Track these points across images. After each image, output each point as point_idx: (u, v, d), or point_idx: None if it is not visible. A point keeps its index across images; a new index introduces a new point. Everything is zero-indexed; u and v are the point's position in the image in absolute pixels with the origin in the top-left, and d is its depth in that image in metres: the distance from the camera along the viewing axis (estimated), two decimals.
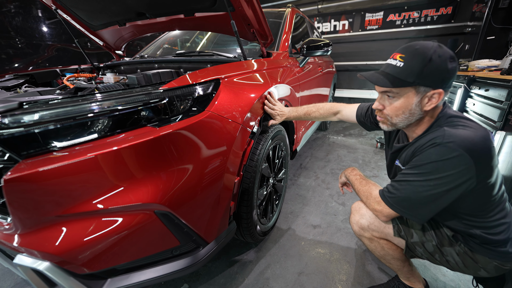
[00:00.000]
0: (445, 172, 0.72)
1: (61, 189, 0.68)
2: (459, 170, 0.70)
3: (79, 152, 0.67)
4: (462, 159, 0.69)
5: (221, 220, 0.97)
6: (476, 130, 0.72)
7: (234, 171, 0.97)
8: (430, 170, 0.74)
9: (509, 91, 1.54)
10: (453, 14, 3.57)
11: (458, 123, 0.76)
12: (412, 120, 0.83)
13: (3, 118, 0.66)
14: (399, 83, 0.77)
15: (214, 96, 0.88)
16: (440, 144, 0.72)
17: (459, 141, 0.70)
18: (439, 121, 0.80)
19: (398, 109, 0.81)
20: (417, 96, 0.77)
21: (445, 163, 0.71)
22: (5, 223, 0.74)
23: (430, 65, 0.73)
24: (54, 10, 1.68)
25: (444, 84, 0.75)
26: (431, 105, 0.77)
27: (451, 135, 0.72)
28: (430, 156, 0.74)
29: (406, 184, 0.80)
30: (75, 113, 0.68)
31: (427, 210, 0.79)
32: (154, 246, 0.82)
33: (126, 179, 0.72)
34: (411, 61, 0.75)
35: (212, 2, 1.26)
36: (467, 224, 0.82)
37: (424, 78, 0.74)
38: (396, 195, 0.83)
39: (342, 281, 1.22)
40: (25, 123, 0.65)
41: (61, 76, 1.87)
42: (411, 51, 0.76)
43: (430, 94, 0.76)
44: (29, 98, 0.84)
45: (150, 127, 0.75)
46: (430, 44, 0.75)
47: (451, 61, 0.73)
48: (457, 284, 1.19)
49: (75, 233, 0.73)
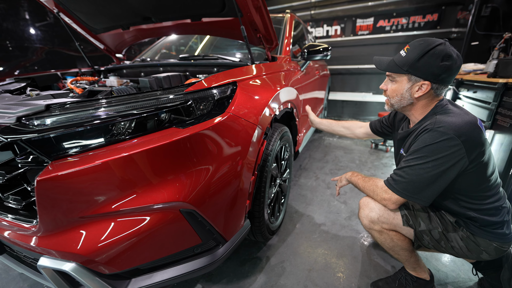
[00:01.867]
0: (440, 154, 0.81)
1: (92, 190, 0.69)
2: (451, 151, 0.80)
3: (108, 153, 0.69)
4: (451, 140, 0.79)
5: (238, 218, 1.00)
6: (463, 116, 0.83)
7: (250, 170, 1.01)
8: (426, 153, 0.83)
9: (496, 92, 1.66)
10: (438, 20, 3.77)
11: (449, 111, 0.87)
12: (404, 104, 0.95)
13: (33, 120, 0.67)
14: (394, 69, 0.91)
15: (233, 98, 0.92)
16: (431, 130, 0.83)
17: (447, 125, 0.81)
18: (435, 109, 0.91)
19: (393, 91, 0.96)
20: (408, 83, 0.91)
21: (438, 145, 0.81)
22: (29, 226, 0.74)
23: (423, 59, 0.84)
24: (56, 13, 1.67)
25: (434, 78, 0.86)
26: (419, 94, 0.90)
27: (441, 121, 0.83)
28: (425, 140, 0.84)
29: (408, 169, 0.88)
30: (105, 115, 0.70)
31: (430, 191, 0.87)
32: (177, 244, 0.84)
33: (154, 178, 0.74)
34: (410, 53, 0.88)
35: (221, 7, 1.30)
36: (465, 207, 0.91)
37: (416, 69, 0.86)
38: (400, 181, 0.90)
39: (351, 275, 1.26)
40: (55, 125, 0.67)
41: (62, 80, 1.85)
42: (415, 44, 0.88)
43: (419, 84, 0.89)
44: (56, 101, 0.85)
45: (176, 128, 0.77)
46: (435, 40, 0.85)
47: (444, 59, 0.82)
48: (457, 274, 1.26)
49: (102, 233, 0.74)
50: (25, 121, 0.67)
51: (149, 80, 1.20)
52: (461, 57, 0.86)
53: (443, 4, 3.67)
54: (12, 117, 0.68)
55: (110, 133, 0.72)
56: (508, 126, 1.53)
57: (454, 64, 0.83)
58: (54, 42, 3.41)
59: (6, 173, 0.74)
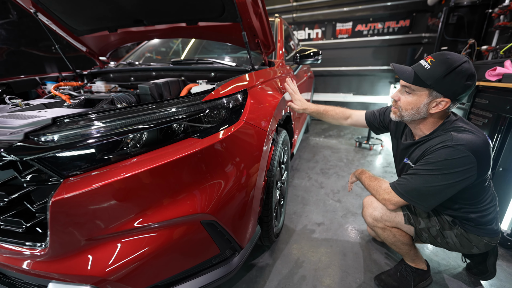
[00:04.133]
0: (454, 169, 0.85)
1: (110, 207, 0.65)
2: (465, 168, 0.84)
3: (127, 168, 0.66)
4: (468, 159, 0.83)
5: (252, 224, 1.00)
6: (478, 135, 0.86)
7: (262, 176, 1.02)
8: (440, 167, 0.87)
9: (469, 94, 1.84)
10: (410, 26, 4.06)
11: (461, 128, 0.90)
12: (417, 117, 0.95)
13: (43, 136, 0.61)
14: (418, 82, 0.88)
15: (245, 106, 0.92)
16: (450, 146, 0.86)
17: (466, 144, 0.84)
18: (445, 126, 0.94)
19: (409, 104, 0.94)
20: (428, 98, 0.89)
21: (454, 162, 0.85)
22: (36, 249, 0.68)
23: (450, 75, 0.83)
24: (33, 13, 1.54)
25: (454, 96, 0.86)
26: (436, 110, 0.90)
27: (459, 139, 0.85)
28: (441, 156, 0.87)
29: (417, 177, 0.93)
30: (120, 128, 0.66)
31: (434, 199, 0.93)
32: (196, 257, 0.82)
33: (175, 191, 0.72)
34: (436, 67, 0.85)
35: (220, 12, 1.29)
36: (465, 211, 0.99)
37: (440, 85, 0.85)
38: (406, 185, 0.96)
39: (355, 271, 1.32)
40: (69, 141, 0.62)
41: (41, 85, 1.71)
42: (441, 58, 0.85)
43: (439, 100, 0.88)
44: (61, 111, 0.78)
45: (194, 138, 0.75)
46: (460, 57, 0.84)
47: (469, 79, 0.83)
48: (448, 262, 1.38)
49: (119, 252, 0.70)
50: (34, 138, 0.61)
51: (149, 87, 1.15)
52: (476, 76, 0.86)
53: (413, 11, 3.97)
54: (17, 133, 0.62)
55: (127, 146, 0.68)
56: (482, 124, 1.70)
57: (474, 84, 0.85)
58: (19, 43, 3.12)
59: (8, 194, 0.67)
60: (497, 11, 2.52)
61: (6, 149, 0.57)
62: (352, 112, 1.40)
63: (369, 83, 4.58)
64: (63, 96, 1.41)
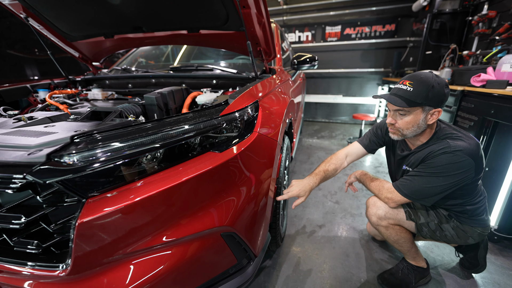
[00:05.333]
0: (455, 171, 0.95)
1: (135, 225, 0.65)
2: (465, 170, 0.94)
3: (150, 185, 0.66)
4: (467, 162, 0.94)
5: (264, 232, 1.03)
6: (471, 140, 0.97)
7: (273, 184, 1.04)
8: (442, 170, 0.96)
9: (456, 98, 1.96)
10: (396, 30, 4.24)
11: (455, 135, 1.00)
12: (419, 132, 1.05)
13: (65, 157, 0.60)
14: (412, 104, 0.98)
15: (257, 117, 0.94)
16: (450, 152, 0.95)
17: (464, 150, 0.94)
18: (438, 134, 1.05)
19: (409, 123, 1.03)
20: (423, 113, 1.00)
21: (455, 165, 0.94)
22: (55, 271, 0.66)
23: (433, 90, 0.95)
24: (24, 18, 1.47)
25: (442, 104, 0.99)
26: (432, 120, 1.01)
27: (457, 146, 0.95)
28: (442, 161, 0.96)
29: (420, 178, 1.02)
30: (143, 146, 0.66)
31: (434, 197, 1.02)
32: (215, 268, 0.83)
33: (198, 205, 0.73)
34: (418, 87, 0.97)
35: (224, 21, 1.30)
36: (461, 204, 1.08)
37: (429, 100, 0.96)
38: (409, 185, 1.04)
39: (358, 271, 1.38)
40: (90, 161, 0.61)
41: (33, 93, 1.64)
42: (418, 79, 0.98)
43: (432, 112, 0.99)
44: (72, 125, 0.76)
45: (213, 152, 0.77)
46: (430, 74, 0.99)
47: (446, 87, 0.97)
48: (442, 257, 1.47)
49: (143, 269, 0.70)
50: (56, 159, 0.60)
51: (156, 97, 1.14)
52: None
53: (398, 16, 4.14)
54: (36, 154, 0.61)
55: (149, 163, 0.68)
56: (468, 127, 1.82)
57: (449, 90, 0.99)
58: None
59: (25, 216, 0.65)
60: (476, 18, 2.69)
61: (30, 173, 0.56)
62: (346, 151, 1.37)
63: (358, 84, 4.72)
64: (60, 106, 1.37)
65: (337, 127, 4.74)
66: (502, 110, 1.49)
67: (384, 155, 3.10)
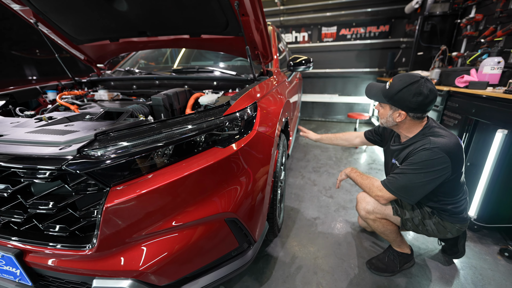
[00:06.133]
0: (432, 168, 1.04)
1: (151, 210, 0.75)
2: (442, 167, 1.04)
3: (164, 175, 0.76)
4: (443, 159, 1.03)
5: (263, 220, 1.14)
6: (451, 138, 1.06)
7: (270, 177, 1.15)
8: (421, 166, 1.06)
9: (442, 98, 2.08)
10: (390, 31, 4.36)
11: (438, 133, 1.09)
12: (390, 125, 1.19)
13: (92, 151, 0.70)
14: (380, 99, 1.14)
15: (256, 116, 1.04)
16: (428, 149, 1.05)
17: (441, 147, 1.03)
18: (424, 130, 1.14)
19: (381, 114, 1.20)
20: (390, 110, 1.15)
21: (432, 162, 1.04)
22: (83, 251, 0.76)
23: (399, 94, 1.07)
24: (34, 23, 1.56)
25: (408, 109, 1.08)
26: (399, 119, 1.13)
27: (435, 143, 1.04)
28: (421, 157, 1.06)
29: (404, 175, 1.11)
30: (158, 141, 0.76)
31: (417, 193, 1.11)
32: (219, 250, 0.94)
33: (205, 193, 0.83)
34: (391, 87, 1.09)
35: (224, 27, 1.40)
36: (444, 202, 1.18)
37: (394, 101, 1.10)
38: (395, 183, 1.14)
39: (349, 258, 1.50)
40: (114, 154, 0.71)
41: (42, 94, 1.72)
42: (396, 80, 1.09)
43: (398, 112, 1.12)
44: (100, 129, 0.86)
45: (217, 147, 0.87)
46: (413, 78, 1.05)
47: (415, 96, 1.03)
48: (426, 245, 1.59)
49: (156, 248, 0.81)
50: (85, 153, 0.70)
51: (162, 98, 1.24)
52: (435, 91, 1.04)
53: (392, 17, 4.26)
54: (67, 149, 0.71)
55: (163, 156, 0.79)
56: (453, 125, 1.94)
57: (425, 99, 1.03)
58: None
59: (57, 203, 0.75)
60: (464, 21, 2.81)
61: (67, 164, 0.66)
62: (357, 134, 1.66)
63: (353, 84, 4.84)
64: (70, 106, 1.46)
65: (333, 125, 4.86)
66: (481, 110, 1.61)
67: (378, 153, 3.23)
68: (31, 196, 0.79)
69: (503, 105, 1.43)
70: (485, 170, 1.52)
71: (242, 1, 1.15)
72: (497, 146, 1.43)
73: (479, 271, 1.39)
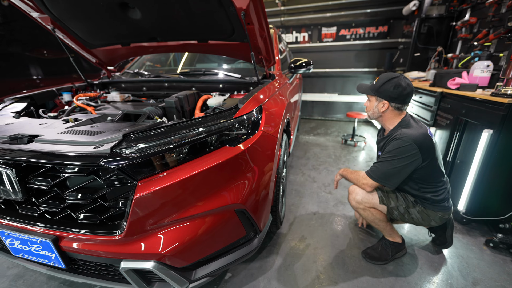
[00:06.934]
0: (403, 154, 1.20)
1: (173, 200, 0.87)
2: (411, 153, 1.20)
3: (184, 171, 0.88)
4: (411, 146, 1.19)
5: (267, 212, 1.25)
6: (419, 129, 1.23)
7: (274, 173, 1.26)
8: (394, 154, 1.22)
9: (436, 99, 2.19)
10: (388, 32, 4.45)
11: (410, 125, 1.27)
12: (375, 116, 1.36)
13: (123, 149, 0.82)
14: (367, 92, 1.33)
15: (261, 118, 1.15)
16: (399, 139, 1.22)
17: (409, 136, 1.20)
18: (401, 123, 1.31)
19: (369, 107, 1.39)
20: (376, 102, 1.34)
21: (401, 149, 1.20)
22: (113, 236, 0.88)
23: (383, 86, 1.27)
24: (51, 29, 1.67)
25: (391, 99, 1.28)
26: (382, 109, 1.31)
27: (404, 133, 1.22)
28: (394, 145, 1.23)
29: (382, 163, 1.27)
30: (177, 141, 0.87)
31: (395, 179, 1.27)
32: (229, 237, 1.06)
33: (219, 187, 0.95)
34: (377, 82, 1.27)
35: (230, 34, 1.50)
36: (423, 190, 1.32)
37: (379, 93, 1.30)
38: (376, 171, 1.30)
39: (346, 248, 1.62)
40: (142, 152, 0.83)
41: (58, 96, 1.83)
42: (381, 76, 1.29)
43: (382, 103, 1.30)
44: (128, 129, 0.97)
45: (228, 146, 0.98)
46: (394, 74, 1.28)
47: (395, 87, 1.24)
48: (418, 237, 1.71)
49: (176, 234, 0.92)
50: (117, 151, 0.81)
51: (174, 101, 1.35)
52: (411, 86, 1.26)
53: (391, 18, 4.35)
54: (100, 147, 0.82)
55: (180, 154, 0.90)
56: (445, 124, 2.06)
57: (403, 90, 1.24)
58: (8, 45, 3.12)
59: (91, 195, 0.87)
60: (459, 24, 2.91)
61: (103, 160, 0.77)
62: None
63: (353, 84, 4.94)
64: (88, 108, 1.57)
65: (332, 124, 4.97)
66: (470, 110, 1.72)
67: (375, 151, 3.34)
68: (66, 189, 0.90)
69: (489, 107, 1.54)
70: (472, 167, 1.63)
71: (248, 12, 1.25)
72: (483, 145, 1.55)
73: (465, 260, 1.51)
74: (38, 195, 0.97)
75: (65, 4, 1.44)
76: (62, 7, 1.47)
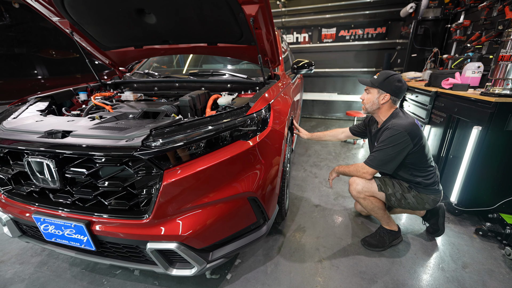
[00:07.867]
0: (396, 142, 1.34)
1: (194, 188, 0.98)
2: (402, 140, 1.34)
3: (203, 162, 0.99)
4: (402, 134, 1.34)
5: (275, 202, 1.37)
6: (407, 119, 1.39)
7: (281, 166, 1.38)
8: (388, 142, 1.36)
9: (431, 98, 2.31)
10: (386, 33, 4.57)
11: (400, 117, 1.42)
12: (374, 108, 1.49)
13: (152, 142, 0.93)
14: (371, 85, 1.46)
15: (270, 115, 1.27)
16: (390, 128, 1.38)
17: (399, 125, 1.35)
18: (392, 115, 1.46)
19: (369, 100, 1.49)
20: (377, 94, 1.46)
21: (394, 137, 1.34)
22: (141, 220, 0.99)
23: (387, 80, 1.42)
24: (69, 33, 1.77)
25: (391, 92, 1.42)
26: (383, 101, 1.44)
27: (395, 123, 1.37)
28: (387, 135, 1.38)
29: (378, 152, 1.41)
30: (199, 135, 0.99)
31: (392, 164, 1.40)
32: (242, 223, 1.18)
33: (234, 177, 1.06)
34: (380, 76, 1.42)
35: (239, 37, 1.61)
36: (414, 175, 1.46)
37: (382, 86, 1.43)
38: (374, 159, 1.44)
39: (346, 237, 1.74)
40: (168, 145, 0.94)
41: (75, 95, 1.94)
42: (382, 73, 1.44)
43: (383, 95, 1.43)
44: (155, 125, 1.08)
45: (242, 140, 1.10)
46: (391, 72, 1.42)
47: (397, 82, 1.41)
48: (413, 226, 1.84)
49: (196, 219, 1.04)
50: (147, 143, 0.93)
51: (188, 100, 1.47)
52: (406, 84, 1.44)
53: (389, 19, 4.47)
54: (131, 141, 0.93)
55: (199, 148, 1.02)
56: (439, 122, 2.18)
57: (403, 86, 1.42)
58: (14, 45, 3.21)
59: (122, 182, 0.98)
60: (454, 26, 3.04)
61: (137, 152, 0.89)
62: (343, 129, 2.01)
63: (352, 83, 5.07)
64: (106, 107, 1.68)
65: (332, 123, 5.09)
66: (462, 109, 1.85)
67: None
68: (99, 178, 1.02)
69: (478, 105, 1.66)
70: (464, 161, 1.76)
71: (257, 17, 1.36)
72: (473, 141, 1.67)
73: (456, 246, 1.63)
74: (72, 184, 1.08)
75: (85, 10, 1.55)
76: (82, 13, 1.58)
